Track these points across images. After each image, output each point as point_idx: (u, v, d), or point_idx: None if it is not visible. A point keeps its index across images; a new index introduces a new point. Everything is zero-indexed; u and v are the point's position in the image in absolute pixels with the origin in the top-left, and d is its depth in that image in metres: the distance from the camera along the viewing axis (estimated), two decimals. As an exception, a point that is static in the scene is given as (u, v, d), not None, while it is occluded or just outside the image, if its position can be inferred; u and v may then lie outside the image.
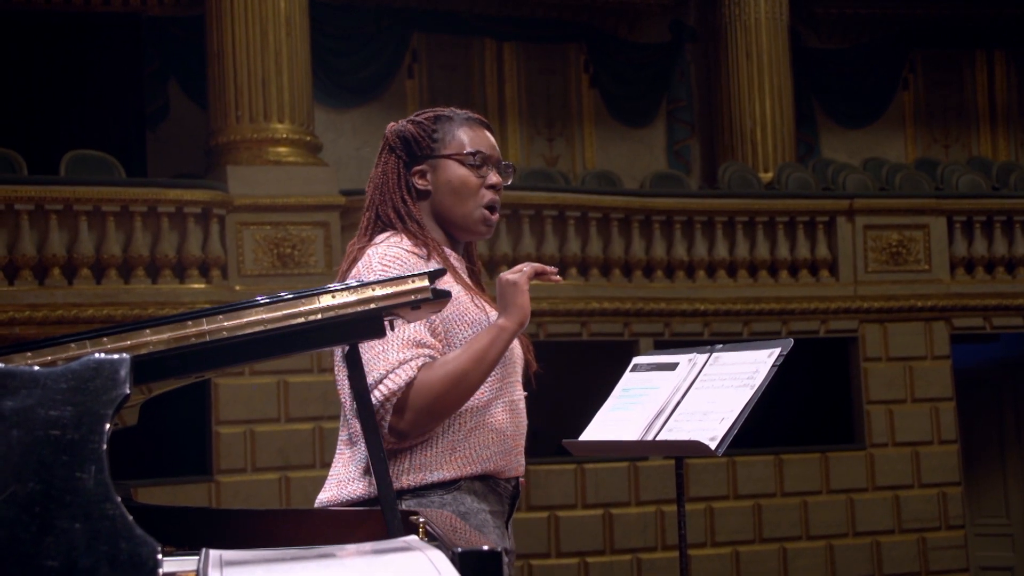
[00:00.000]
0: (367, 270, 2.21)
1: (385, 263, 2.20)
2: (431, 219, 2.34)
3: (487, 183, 2.34)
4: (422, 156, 2.34)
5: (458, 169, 2.33)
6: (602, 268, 8.83)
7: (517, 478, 2.33)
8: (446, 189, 2.32)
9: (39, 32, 10.03)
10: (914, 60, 12.49)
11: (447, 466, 2.19)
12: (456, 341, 2.22)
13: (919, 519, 9.14)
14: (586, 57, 11.74)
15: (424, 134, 2.34)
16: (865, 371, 9.21)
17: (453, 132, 2.35)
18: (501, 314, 2.20)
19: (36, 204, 7.56)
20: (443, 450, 2.21)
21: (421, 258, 2.24)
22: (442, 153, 2.34)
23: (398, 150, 2.35)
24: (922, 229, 9.46)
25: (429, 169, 2.34)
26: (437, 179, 2.33)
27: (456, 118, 2.38)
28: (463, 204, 2.33)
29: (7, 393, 1.23)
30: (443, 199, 2.33)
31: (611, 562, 8.54)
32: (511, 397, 2.30)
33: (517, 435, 2.31)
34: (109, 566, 1.19)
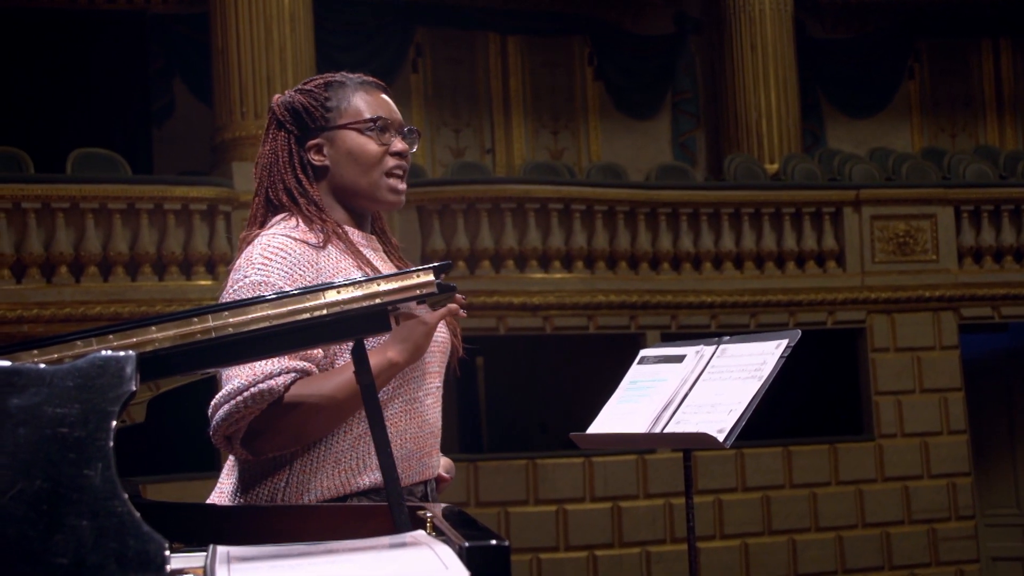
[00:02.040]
0: (248, 263, 2.00)
1: (267, 255, 1.99)
2: (331, 197, 2.12)
3: (391, 150, 2.13)
4: (316, 128, 2.11)
5: (357, 138, 2.11)
6: (608, 261, 8.83)
7: (425, 483, 2.09)
8: (346, 161, 2.11)
9: (44, 30, 10.04)
10: (920, 49, 12.45)
11: (328, 482, 1.96)
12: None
13: (929, 510, 9.13)
14: (590, 50, 11.73)
15: (316, 104, 2.11)
16: (873, 362, 9.20)
17: (348, 99, 2.13)
18: (394, 346, 1.93)
19: (43, 202, 7.57)
20: (325, 463, 1.97)
21: (312, 246, 2.02)
22: (338, 123, 2.11)
23: (288, 124, 2.12)
24: (929, 219, 9.43)
25: (325, 142, 2.11)
26: (335, 152, 2.11)
27: (349, 83, 2.15)
28: (367, 174, 2.11)
29: (14, 391, 1.23)
30: (344, 172, 2.11)
31: (620, 555, 8.55)
32: (415, 395, 2.06)
33: (421, 436, 2.06)
34: (117, 563, 1.19)
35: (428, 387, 2.11)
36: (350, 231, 2.12)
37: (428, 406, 2.10)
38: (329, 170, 2.13)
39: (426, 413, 2.09)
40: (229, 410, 1.91)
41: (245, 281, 1.98)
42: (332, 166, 2.13)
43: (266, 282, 1.96)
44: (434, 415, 2.11)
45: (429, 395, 2.11)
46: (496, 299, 8.37)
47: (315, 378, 1.95)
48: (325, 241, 2.05)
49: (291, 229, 2.05)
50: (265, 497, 1.99)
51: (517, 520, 8.19)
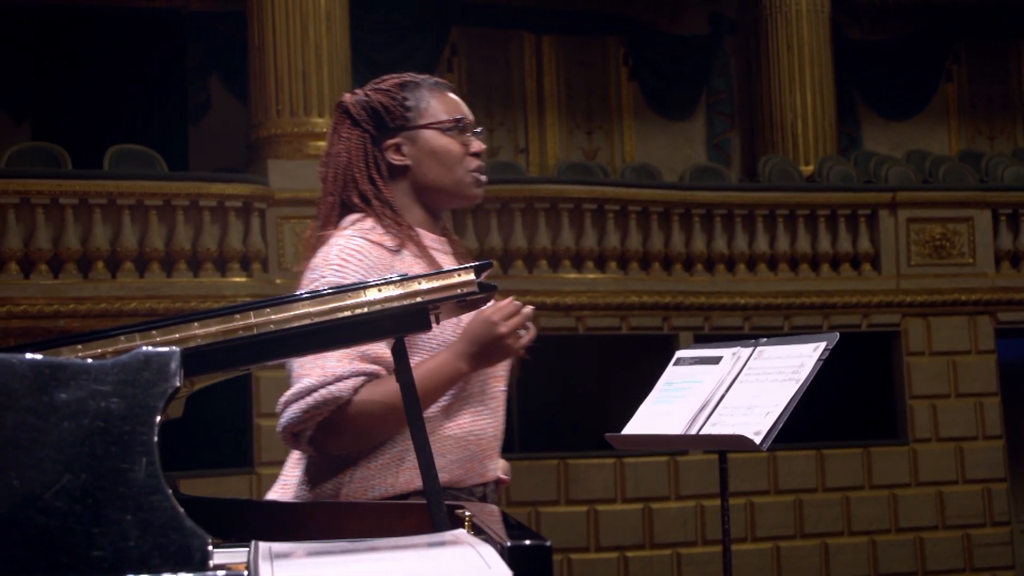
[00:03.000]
0: (324, 263, 2.01)
1: (344, 256, 2.00)
2: (408, 197, 2.12)
3: (471, 150, 2.15)
4: (395, 128, 2.11)
5: (440, 138, 2.12)
6: (641, 262, 8.80)
7: (485, 484, 2.10)
8: (430, 160, 2.11)
9: (82, 28, 10.13)
10: (958, 51, 12.35)
11: (392, 479, 1.99)
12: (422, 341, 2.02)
13: (963, 515, 9.05)
14: (625, 50, 11.70)
15: (395, 103, 2.11)
16: (908, 365, 9.13)
17: (425, 99, 2.13)
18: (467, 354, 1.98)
19: (80, 198, 7.63)
20: (390, 460, 2.00)
21: (389, 250, 2.03)
22: (419, 123, 2.11)
23: (364, 123, 2.12)
24: (966, 222, 9.36)
25: (405, 142, 2.11)
26: (418, 151, 2.11)
27: (423, 84, 2.16)
28: (451, 173, 2.12)
29: (59, 385, 1.24)
30: (427, 171, 2.11)
31: (651, 556, 8.52)
32: (480, 398, 2.09)
33: (484, 439, 2.08)
34: (159, 557, 1.20)
35: (493, 391, 2.12)
36: (423, 234, 2.13)
37: (492, 409, 2.11)
38: (410, 169, 2.13)
39: (490, 416, 2.10)
40: (298, 409, 1.95)
41: (322, 281, 2.00)
42: (414, 165, 2.13)
43: (342, 283, 1.96)
44: (498, 418, 2.13)
45: (494, 399, 2.12)
46: (529, 299, 8.32)
47: (383, 381, 1.97)
48: (400, 244, 2.06)
49: (367, 231, 2.06)
50: (329, 492, 2.02)
51: (548, 520, 8.18)
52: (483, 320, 1.99)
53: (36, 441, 1.22)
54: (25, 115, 10.03)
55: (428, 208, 2.16)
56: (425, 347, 2.03)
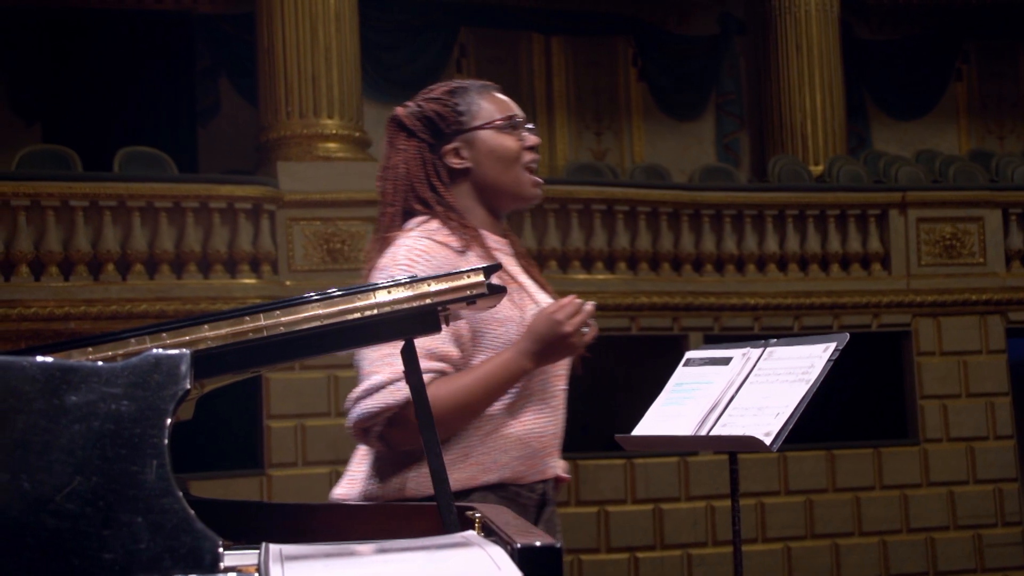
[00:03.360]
0: (393, 263, 2.06)
1: (412, 256, 2.06)
2: (470, 199, 2.18)
3: (526, 144, 2.20)
4: (451, 133, 2.17)
5: (496, 136, 2.17)
6: (651, 262, 8.80)
7: (545, 481, 2.16)
8: (490, 160, 2.16)
9: (92, 31, 10.15)
10: (967, 50, 12.32)
11: (457, 474, 2.03)
12: (486, 340, 2.07)
13: (974, 515, 9.03)
14: (634, 50, 11.70)
15: (448, 109, 2.17)
16: (919, 365, 9.11)
17: (476, 101, 2.19)
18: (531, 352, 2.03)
19: (90, 200, 7.65)
20: (455, 456, 2.05)
21: (455, 251, 2.09)
22: (474, 125, 2.17)
23: (420, 133, 2.18)
24: (976, 222, 9.33)
25: (463, 145, 2.17)
26: (476, 152, 2.17)
27: (471, 87, 2.22)
28: (510, 171, 2.18)
29: (69, 388, 1.24)
30: (488, 171, 2.17)
31: (661, 557, 8.52)
32: (542, 395, 2.14)
33: (546, 437, 2.14)
34: (171, 559, 1.20)
35: (554, 389, 2.18)
36: (487, 235, 2.17)
37: (553, 408, 2.17)
38: (471, 171, 2.18)
39: (551, 414, 2.16)
40: (369, 405, 2.00)
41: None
42: (474, 167, 2.18)
43: None
44: (558, 417, 2.19)
45: (555, 397, 2.18)
46: (538, 299, 8.35)
47: (452, 378, 2.02)
48: (465, 245, 2.10)
49: (432, 232, 2.11)
50: (396, 487, 2.06)
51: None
52: (547, 318, 2.04)
53: (47, 444, 1.22)
54: (35, 117, 10.06)
55: (490, 209, 2.21)
56: (490, 346, 2.07)
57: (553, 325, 2.02)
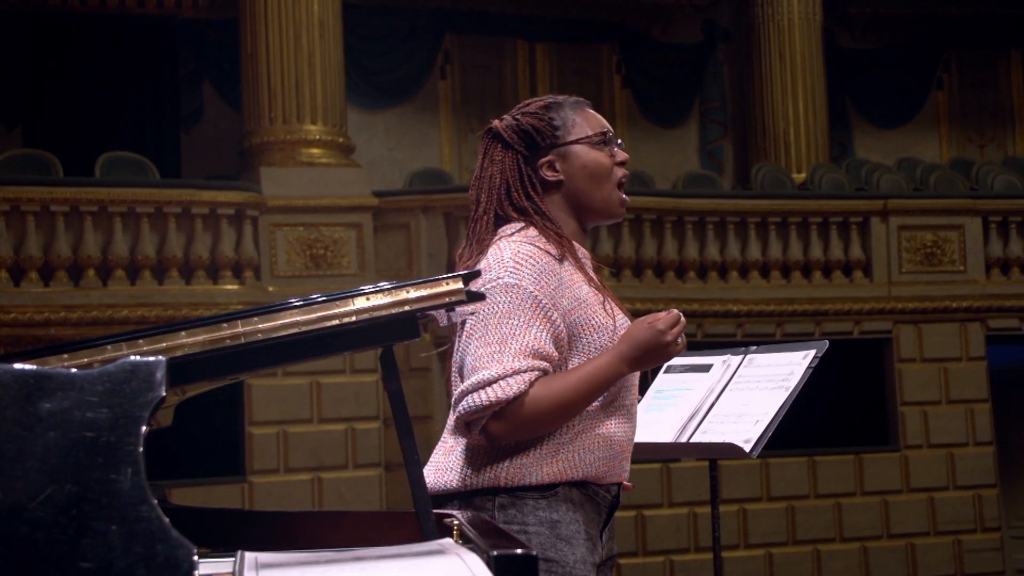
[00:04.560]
0: (499, 265, 2.12)
1: (519, 260, 2.11)
2: (562, 211, 2.24)
3: (617, 160, 2.26)
4: (547, 147, 2.23)
5: (591, 152, 2.23)
6: (634, 268, 8.81)
7: (619, 484, 2.25)
8: (582, 175, 2.23)
9: (75, 35, 10.11)
10: (949, 59, 12.38)
11: (547, 469, 2.11)
12: (582, 345, 2.15)
13: (954, 521, 9.07)
14: (618, 57, 11.72)
15: (544, 123, 2.23)
16: (899, 372, 9.14)
17: (570, 117, 2.25)
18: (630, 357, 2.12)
19: (71, 206, 7.62)
20: (546, 452, 2.13)
21: (554, 258, 2.15)
22: (568, 139, 2.23)
23: (516, 145, 2.23)
24: (957, 230, 9.38)
25: (557, 158, 2.23)
26: (570, 166, 2.23)
27: (565, 103, 2.28)
28: (601, 187, 2.24)
29: (44, 395, 1.24)
30: (580, 185, 2.23)
31: (644, 563, 8.52)
32: (625, 402, 2.22)
33: (626, 441, 2.23)
34: (145, 568, 1.19)
35: (632, 398, 2.26)
36: (577, 247, 2.24)
37: (632, 415, 2.25)
38: (564, 184, 2.24)
39: (630, 421, 2.25)
40: (478, 399, 2.04)
41: (498, 283, 2.11)
42: (567, 180, 2.24)
43: (518, 285, 2.10)
44: (634, 424, 2.27)
45: (633, 405, 2.26)
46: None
47: (555, 377, 2.10)
48: (562, 254, 2.17)
49: (534, 238, 2.17)
50: (488, 478, 2.12)
51: (540, 527, 8.17)
52: (649, 327, 2.13)
53: (21, 451, 1.21)
54: (16, 122, 10.01)
55: (579, 222, 2.27)
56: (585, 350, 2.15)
57: (656, 334, 2.12)
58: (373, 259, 8.07)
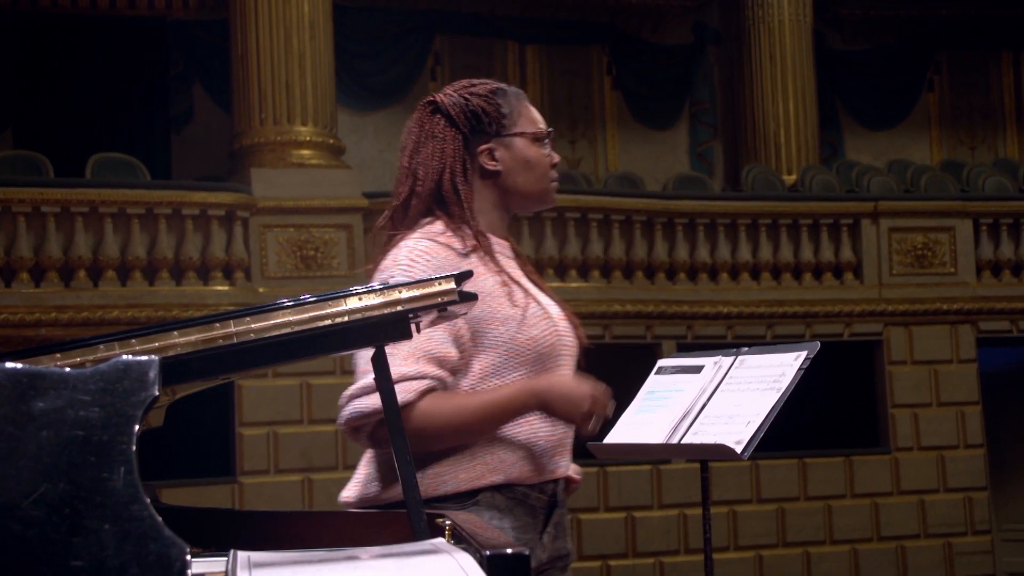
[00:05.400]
0: (393, 264, 2.07)
1: (412, 257, 2.06)
2: (489, 201, 2.18)
3: (552, 161, 2.23)
4: (491, 134, 2.17)
5: (532, 147, 2.19)
6: (624, 270, 8.82)
7: (555, 482, 2.15)
8: (522, 168, 2.18)
9: (65, 35, 10.09)
10: (939, 61, 12.42)
11: (464, 475, 2.03)
12: (486, 340, 2.06)
13: (945, 524, 9.09)
14: (609, 59, 11.73)
15: (493, 109, 2.17)
16: (890, 374, 9.16)
17: (516, 108, 2.20)
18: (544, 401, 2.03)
19: (62, 206, 7.61)
20: (462, 457, 2.04)
21: (457, 252, 2.08)
22: (514, 131, 2.18)
23: (461, 125, 2.16)
24: (948, 231, 9.40)
25: (499, 147, 2.17)
26: (511, 158, 2.18)
27: (510, 92, 2.22)
28: (539, 182, 2.21)
29: (37, 394, 1.24)
30: (517, 178, 2.18)
31: (633, 565, 8.52)
32: None
33: (553, 437, 2.12)
34: (138, 567, 1.19)
35: None
36: (491, 238, 2.17)
37: None
38: (500, 175, 2.18)
39: None
40: (362, 405, 1.98)
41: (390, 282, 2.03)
42: (504, 172, 2.19)
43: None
44: None
45: None
46: (512, 307, 8.36)
47: (452, 396, 2.01)
48: (469, 249, 2.10)
49: (437, 234, 2.10)
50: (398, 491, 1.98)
51: (531, 529, 8.17)
52: (579, 383, 2.06)
53: (14, 450, 1.21)
54: (7, 123, 9.99)
55: (505, 211, 2.22)
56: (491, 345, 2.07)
57: (580, 394, 2.04)
58: (363, 260, 8.05)
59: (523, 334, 2.08)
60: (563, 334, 2.17)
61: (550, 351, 2.12)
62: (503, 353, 2.08)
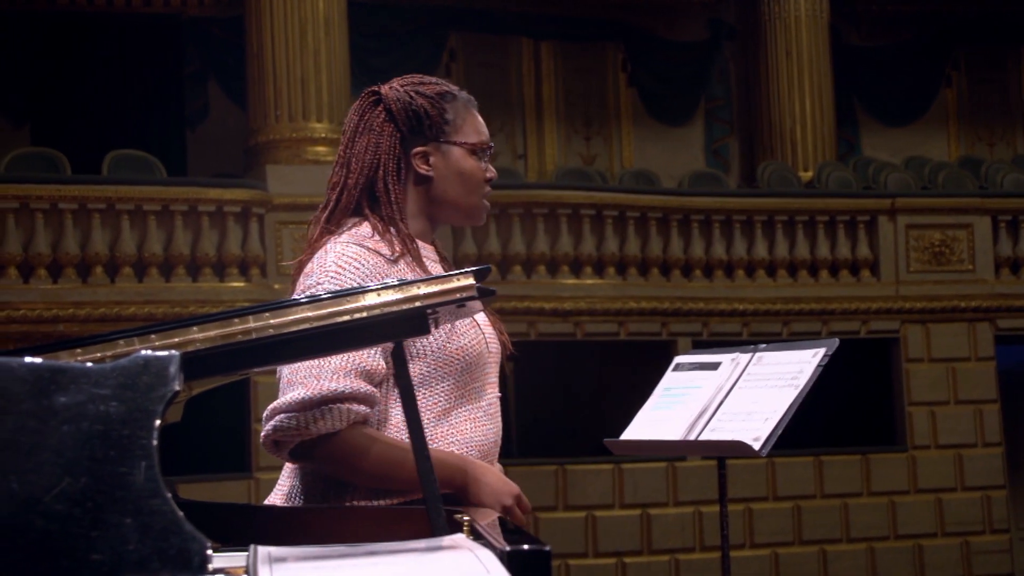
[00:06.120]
0: (321, 270, 2.00)
1: (342, 264, 1.99)
2: (418, 205, 2.11)
3: (487, 176, 2.14)
4: (430, 137, 2.09)
5: (468, 159, 2.10)
6: (640, 267, 8.80)
7: None
8: (456, 179, 2.10)
9: (81, 33, 10.13)
10: (957, 57, 12.36)
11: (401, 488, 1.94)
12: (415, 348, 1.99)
13: (962, 522, 9.05)
14: (624, 56, 11.71)
15: (437, 113, 2.09)
16: (907, 372, 9.13)
17: (462, 116, 2.11)
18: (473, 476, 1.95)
19: (79, 203, 7.63)
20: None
21: (386, 259, 2.01)
22: (454, 139, 2.10)
23: (400, 122, 2.08)
24: (966, 228, 9.36)
25: (435, 153, 2.09)
26: (445, 166, 2.10)
27: (459, 98, 2.13)
28: (469, 196, 2.12)
29: (58, 389, 1.24)
30: (448, 188, 2.10)
31: (649, 562, 8.51)
32: (479, 403, 2.06)
33: (486, 445, 2.05)
34: (159, 561, 1.19)
35: (490, 396, 2.11)
36: (420, 245, 2.11)
37: (491, 415, 2.09)
38: (432, 181, 2.11)
39: (490, 422, 2.08)
40: (285, 421, 1.92)
41: (319, 288, 1.98)
42: (437, 179, 2.11)
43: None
44: (497, 424, 2.11)
45: (492, 404, 2.11)
46: (527, 304, 8.36)
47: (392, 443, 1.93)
48: (397, 253, 2.03)
49: (364, 238, 2.04)
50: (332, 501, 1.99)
51: (546, 526, 8.17)
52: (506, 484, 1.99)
53: (36, 445, 1.22)
54: (25, 120, 10.03)
55: (432, 219, 2.16)
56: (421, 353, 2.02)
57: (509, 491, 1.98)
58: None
59: (452, 343, 2.02)
60: (490, 341, 2.11)
61: (478, 360, 2.06)
62: (432, 363, 2.02)
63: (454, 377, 2.03)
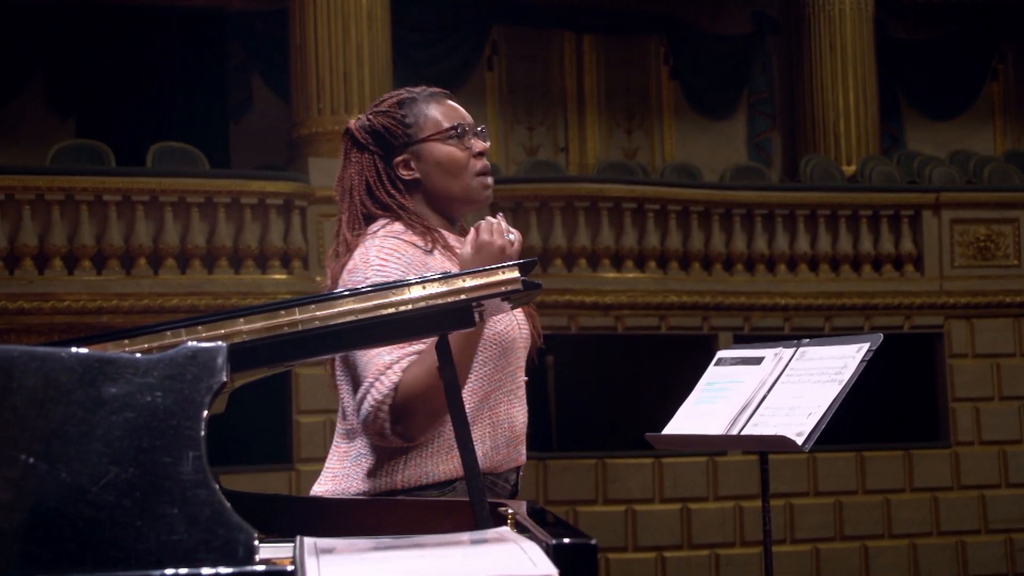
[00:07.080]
0: (365, 264, 2.09)
1: (383, 256, 2.09)
2: (424, 207, 2.22)
3: (474, 152, 2.24)
4: (400, 146, 2.22)
5: (442, 148, 2.22)
6: (681, 261, 8.77)
7: (518, 469, 2.23)
8: (437, 171, 2.21)
9: (127, 27, 10.21)
10: (1004, 51, 12.20)
11: (443, 467, 2.09)
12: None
13: (1006, 519, 8.95)
14: (666, 49, 11.66)
15: (395, 122, 2.22)
16: (951, 368, 9.04)
17: (423, 112, 2.23)
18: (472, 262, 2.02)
19: (123, 195, 7.69)
20: (440, 448, 2.10)
21: (421, 249, 2.13)
22: (420, 137, 2.22)
23: (370, 146, 2.22)
24: (1011, 223, 9.25)
25: (411, 157, 2.22)
26: (424, 164, 2.22)
27: (419, 97, 2.26)
28: (458, 180, 2.22)
29: (107, 380, 1.25)
30: (436, 182, 2.22)
31: (688, 557, 8.49)
32: (511, 386, 2.19)
33: (516, 426, 2.20)
34: (205, 551, 1.20)
35: (519, 380, 2.22)
36: (447, 235, 2.22)
37: (520, 397, 2.21)
38: (421, 182, 2.22)
39: (519, 403, 2.21)
40: (367, 406, 2.02)
41: (366, 283, 2.05)
42: (423, 178, 2.22)
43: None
44: (524, 406, 2.23)
45: (520, 387, 2.22)
46: (568, 298, 8.35)
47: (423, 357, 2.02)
48: (431, 245, 2.14)
49: (399, 232, 2.15)
50: (386, 482, 2.09)
51: (586, 519, 8.17)
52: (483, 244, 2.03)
53: (84, 434, 1.23)
54: (70, 113, 10.13)
55: (444, 215, 2.26)
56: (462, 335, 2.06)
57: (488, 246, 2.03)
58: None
59: (490, 328, 2.12)
60: (521, 327, 2.22)
61: (512, 345, 2.18)
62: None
63: (493, 362, 2.15)
